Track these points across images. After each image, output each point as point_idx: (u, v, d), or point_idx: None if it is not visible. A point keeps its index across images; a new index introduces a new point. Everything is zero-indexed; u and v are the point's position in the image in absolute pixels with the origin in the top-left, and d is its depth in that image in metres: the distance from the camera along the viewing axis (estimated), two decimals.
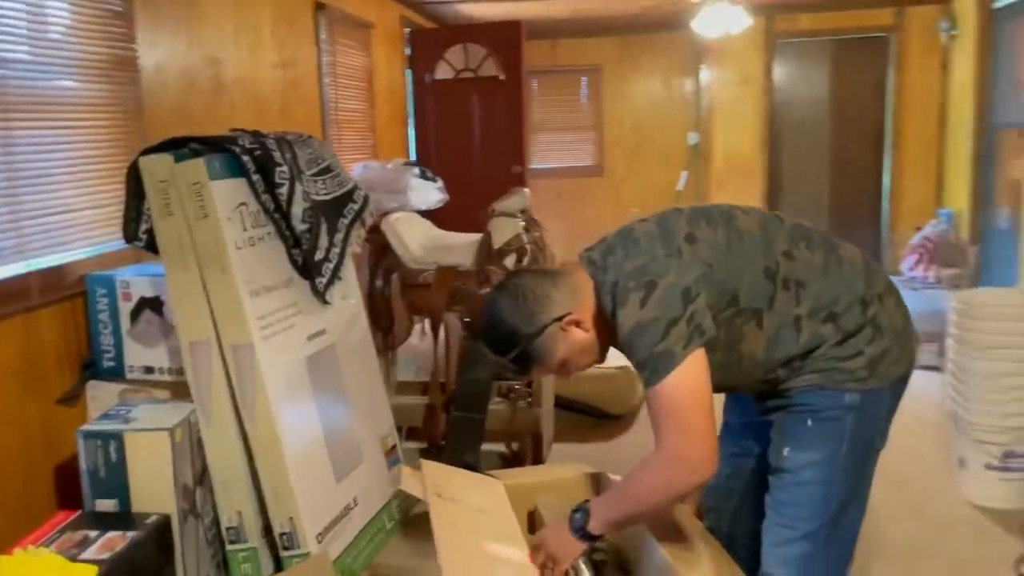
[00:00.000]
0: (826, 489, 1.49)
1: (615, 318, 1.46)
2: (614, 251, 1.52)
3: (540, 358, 1.50)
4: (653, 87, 7.91)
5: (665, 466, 1.42)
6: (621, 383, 3.70)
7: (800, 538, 1.50)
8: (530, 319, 1.48)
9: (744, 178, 7.22)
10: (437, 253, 3.19)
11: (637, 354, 1.43)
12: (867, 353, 1.47)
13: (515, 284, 1.54)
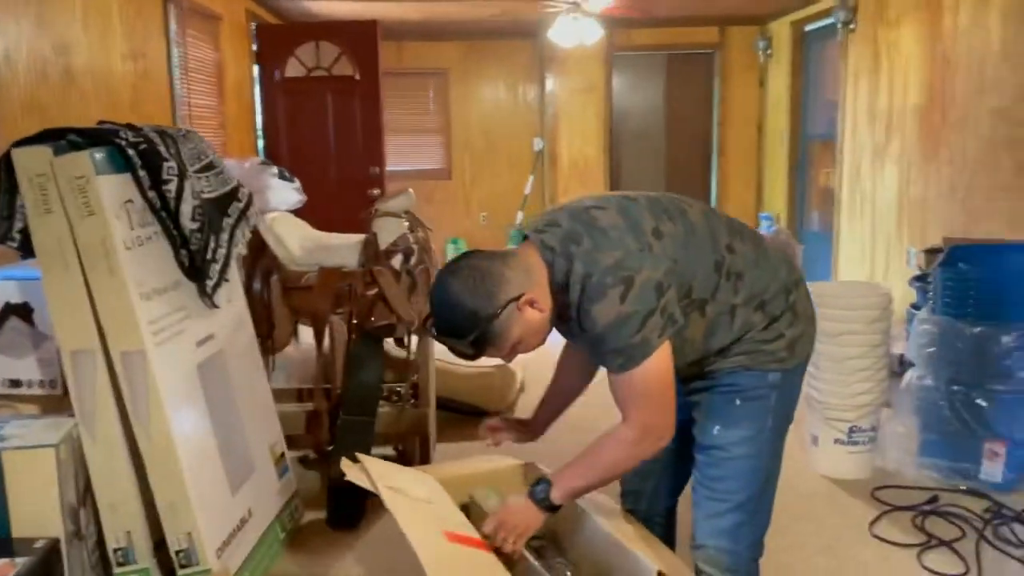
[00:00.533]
0: (755, 462, 1.63)
1: (585, 310, 1.49)
2: (578, 240, 1.52)
3: (497, 339, 1.50)
4: (499, 93, 8.08)
5: (638, 436, 1.52)
6: (497, 380, 3.76)
7: (733, 509, 1.62)
8: (489, 299, 1.47)
9: (588, 183, 7.54)
10: (319, 254, 3.10)
11: (612, 344, 1.48)
12: (787, 336, 1.62)
13: (468, 265, 1.52)
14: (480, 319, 1.47)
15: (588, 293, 1.48)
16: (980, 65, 4.27)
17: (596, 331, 1.49)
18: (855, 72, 5.64)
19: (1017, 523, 2.68)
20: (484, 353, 1.54)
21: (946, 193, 4.63)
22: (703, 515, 1.63)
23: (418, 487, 1.77)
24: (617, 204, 1.60)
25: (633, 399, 1.51)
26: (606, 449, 1.56)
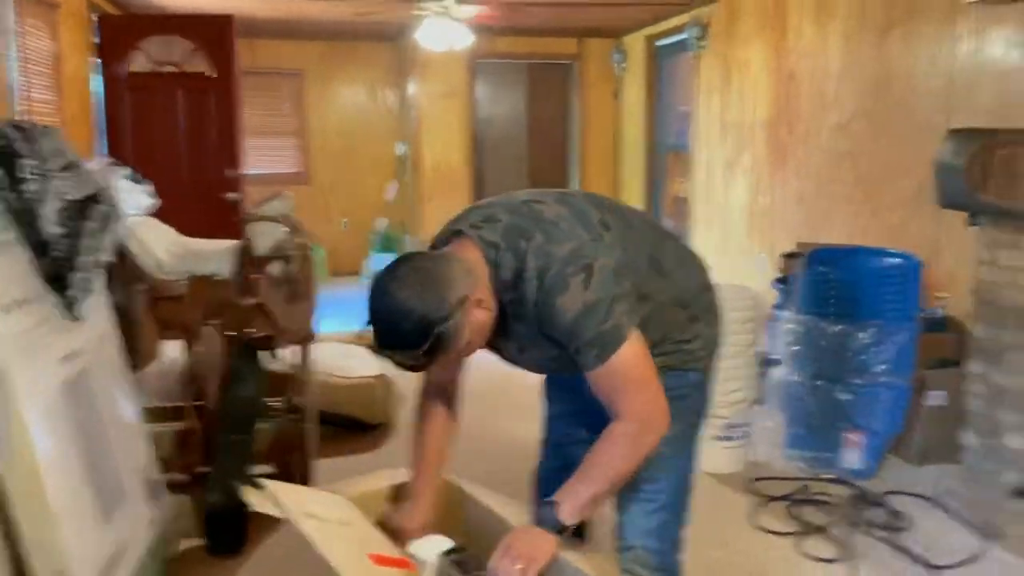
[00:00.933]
0: (680, 461, 1.65)
1: (548, 304, 1.43)
2: (526, 234, 1.47)
3: (449, 345, 1.41)
4: (359, 96, 7.91)
5: (638, 430, 1.45)
6: (379, 391, 3.66)
7: (659, 509, 1.63)
8: (440, 304, 1.39)
9: (452, 189, 7.51)
10: (189, 261, 2.89)
11: (584, 335, 1.43)
12: (704, 336, 1.66)
13: (410, 269, 1.43)
14: (433, 325, 1.38)
15: (548, 286, 1.43)
16: (822, 84, 4.62)
17: (566, 324, 1.43)
18: (707, 87, 5.96)
19: (878, 507, 2.90)
20: (435, 361, 1.45)
21: (792, 202, 4.97)
22: (630, 517, 1.64)
23: (332, 509, 1.67)
24: (555, 197, 1.58)
25: (619, 390, 1.46)
26: (607, 453, 1.48)
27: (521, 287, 1.47)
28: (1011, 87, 3.34)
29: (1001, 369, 2.94)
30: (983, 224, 3.00)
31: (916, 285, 3.19)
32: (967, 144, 2.92)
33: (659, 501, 1.63)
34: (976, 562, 2.56)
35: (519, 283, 1.47)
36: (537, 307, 1.46)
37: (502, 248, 1.48)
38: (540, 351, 1.56)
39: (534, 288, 1.45)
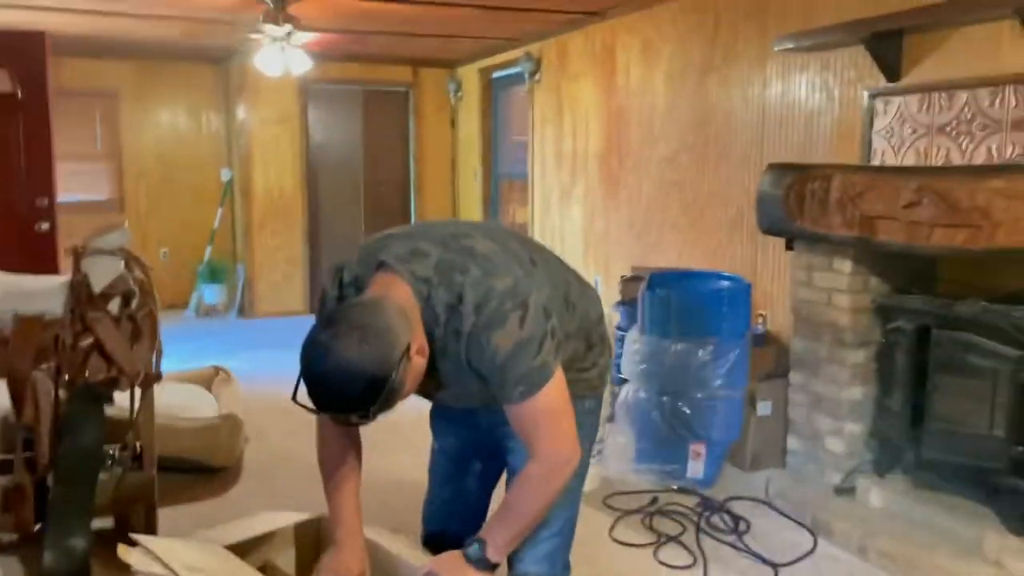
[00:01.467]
0: (574, 486, 1.70)
1: (482, 339, 1.42)
2: (462, 268, 1.46)
3: (396, 398, 1.38)
4: (180, 119, 7.51)
5: (550, 472, 1.49)
6: (224, 433, 3.47)
7: (554, 535, 1.68)
8: (385, 360, 1.34)
9: (285, 215, 7.28)
10: (13, 300, 2.63)
11: (513, 373, 1.44)
12: (600, 364, 1.73)
13: (349, 325, 1.37)
14: (381, 384, 1.33)
15: (486, 320, 1.43)
16: (649, 119, 4.95)
17: (496, 361, 1.43)
18: (542, 118, 6.20)
19: (723, 512, 3.13)
20: (379, 414, 1.38)
21: (625, 228, 5.27)
22: (526, 544, 1.67)
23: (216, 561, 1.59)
24: (481, 231, 1.60)
25: (538, 427, 1.48)
26: (524, 494, 1.51)
27: (453, 320, 1.46)
28: (815, 125, 3.75)
29: (819, 379, 3.27)
30: (799, 249, 3.34)
31: (747, 305, 3.48)
32: (783, 177, 3.24)
33: (554, 527, 1.68)
34: (810, 557, 2.82)
35: (451, 316, 1.46)
36: (469, 339, 1.45)
37: (434, 283, 1.46)
38: (462, 387, 1.56)
39: (470, 321, 1.44)
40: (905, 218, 2.75)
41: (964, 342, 2.74)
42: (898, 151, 3.33)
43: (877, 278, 3.15)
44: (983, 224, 2.52)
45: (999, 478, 2.66)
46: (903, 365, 2.96)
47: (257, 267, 7.29)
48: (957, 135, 3.11)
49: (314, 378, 1.37)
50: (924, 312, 2.89)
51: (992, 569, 2.57)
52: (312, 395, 1.39)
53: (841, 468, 3.18)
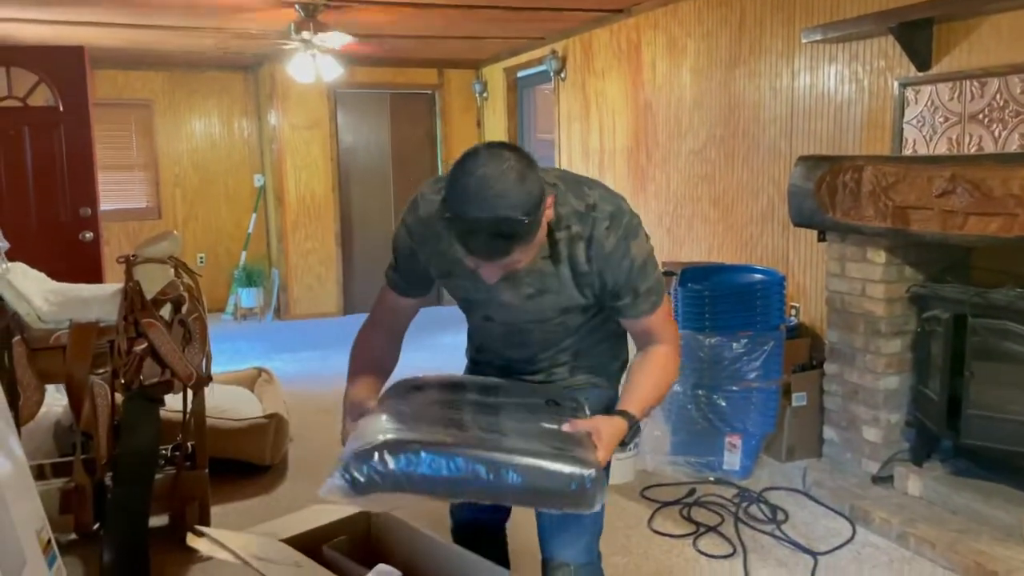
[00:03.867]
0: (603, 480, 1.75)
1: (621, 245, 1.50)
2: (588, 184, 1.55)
3: (533, 234, 1.39)
4: (213, 127, 7.66)
5: (677, 354, 1.65)
6: (271, 432, 3.57)
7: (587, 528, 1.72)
8: (539, 181, 1.38)
9: (318, 219, 7.41)
10: (70, 308, 2.74)
11: (646, 282, 1.54)
12: (621, 360, 1.80)
13: (503, 145, 1.42)
14: (535, 199, 1.35)
15: (625, 229, 1.51)
16: (677, 113, 4.98)
17: (633, 268, 1.51)
18: (568, 116, 6.24)
19: (760, 503, 3.16)
20: (514, 249, 1.37)
21: (655, 223, 5.30)
22: (560, 537, 1.72)
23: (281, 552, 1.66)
24: None
25: (668, 324, 1.62)
26: (660, 368, 1.60)
27: (579, 224, 1.49)
28: (845, 116, 3.75)
29: (854, 369, 3.29)
30: (832, 240, 3.36)
31: (780, 298, 3.51)
32: (815, 169, 3.26)
33: (585, 520, 1.72)
34: (850, 545, 2.85)
35: (577, 221, 1.49)
36: (602, 255, 1.49)
37: (562, 189, 1.50)
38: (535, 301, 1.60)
39: (603, 227, 1.49)
40: (938, 208, 2.77)
41: (1000, 329, 2.75)
42: (930, 140, 3.34)
43: (911, 267, 3.17)
44: (1017, 212, 2.53)
45: None
46: (939, 353, 2.97)
47: (291, 270, 7.42)
48: (989, 122, 3.11)
49: (478, 180, 1.33)
50: (960, 300, 2.90)
51: None
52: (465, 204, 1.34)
53: (878, 457, 3.20)
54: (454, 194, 1.36)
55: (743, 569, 2.69)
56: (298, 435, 4.03)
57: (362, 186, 7.59)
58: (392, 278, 1.74)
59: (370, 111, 7.57)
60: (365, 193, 7.61)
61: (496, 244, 1.36)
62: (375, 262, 7.67)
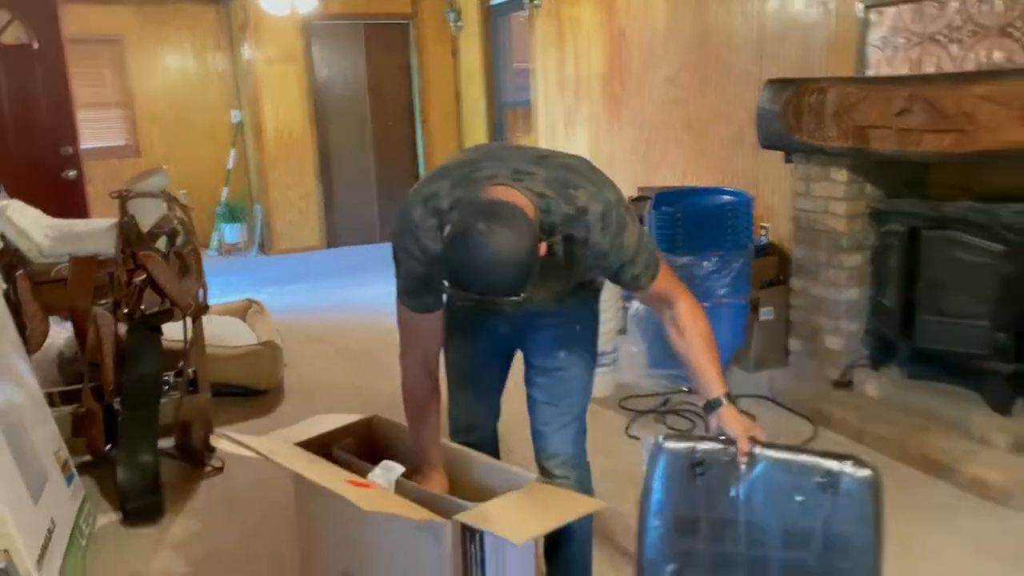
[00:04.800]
0: (588, 377, 1.93)
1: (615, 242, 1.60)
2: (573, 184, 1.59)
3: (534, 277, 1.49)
4: (187, 62, 7.59)
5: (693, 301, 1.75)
6: (267, 358, 3.73)
7: (576, 419, 1.91)
8: (533, 247, 1.46)
9: (297, 154, 7.43)
10: (69, 243, 2.85)
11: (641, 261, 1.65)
12: None
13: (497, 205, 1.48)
14: (532, 267, 1.46)
15: (616, 227, 1.60)
16: (651, 40, 5.04)
17: (629, 255, 1.63)
18: (543, 44, 6.26)
19: None
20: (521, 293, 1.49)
21: (630, 149, 5.41)
22: (552, 429, 1.90)
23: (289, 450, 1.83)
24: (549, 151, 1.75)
25: (669, 288, 1.72)
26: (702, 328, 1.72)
27: (571, 228, 1.59)
28: (812, 40, 3.85)
29: (818, 283, 3.48)
30: (798, 161, 3.51)
31: (749, 218, 3.67)
32: (781, 92, 3.39)
33: (574, 412, 1.91)
34: (811, 442, 3.08)
35: (575, 224, 1.59)
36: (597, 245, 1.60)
37: (551, 197, 1.58)
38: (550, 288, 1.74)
39: (597, 229, 1.59)
40: (896, 126, 2.91)
41: (952, 240, 2.93)
42: (892, 61, 3.45)
43: (872, 185, 3.33)
44: (968, 128, 2.68)
45: (984, 363, 2.89)
46: (896, 265, 3.16)
47: (273, 205, 7.48)
48: (948, 43, 3.23)
49: (477, 265, 1.43)
50: (915, 214, 3.08)
51: (977, 445, 2.83)
52: (469, 281, 1.46)
53: (839, 364, 3.42)
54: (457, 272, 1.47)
55: None
56: (292, 361, 4.19)
57: (339, 119, 7.60)
58: (411, 303, 1.74)
59: (345, 43, 7.52)
60: (343, 126, 7.62)
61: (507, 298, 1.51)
62: (355, 195, 7.75)
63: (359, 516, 1.65)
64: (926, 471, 2.80)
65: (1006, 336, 2.80)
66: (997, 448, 2.79)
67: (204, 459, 3.10)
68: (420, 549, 1.59)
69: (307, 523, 1.94)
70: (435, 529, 1.55)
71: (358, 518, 1.69)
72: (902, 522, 2.48)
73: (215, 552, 2.53)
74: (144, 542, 2.58)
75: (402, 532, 1.63)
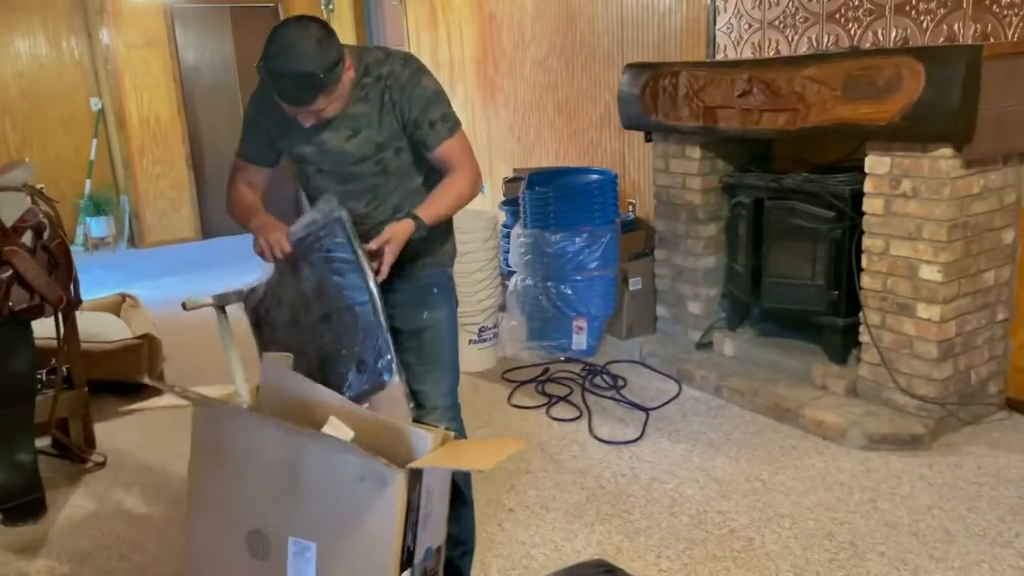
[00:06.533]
0: (452, 334, 2.06)
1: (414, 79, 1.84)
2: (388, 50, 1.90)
3: (331, 87, 1.73)
4: (40, 48, 7.18)
5: (474, 180, 1.94)
6: (144, 352, 3.68)
7: (447, 373, 2.04)
8: (336, 51, 1.73)
9: (165, 142, 7.20)
10: None
11: (441, 107, 1.87)
12: (451, 243, 2.10)
13: (312, 19, 1.76)
14: (332, 60, 1.71)
15: (415, 69, 1.86)
16: (520, 23, 5.20)
17: (427, 95, 1.85)
18: (416, 27, 6.33)
19: (604, 374, 3.61)
20: (317, 97, 1.73)
21: (506, 131, 5.57)
22: (429, 384, 2.01)
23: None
24: None
25: (463, 155, 1.92)
26: (455, 187, 1.90)
27: (380, 69, 1.85)
28: (668, 25, 4.11)
29: (679, 253, 3.76)
30: (657, 140, 3.76)
31: (615, 195, 3.90)
32: (639, 75, 3.62)
33: (445, 367, 2.04)
34: (676, 400, 3.35)
35: (383, 64, 1.85)
36: (401, 87, 1.84)
37: (370, 50, 1.90)
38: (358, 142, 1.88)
39: (399, 64, 1.86)
40: (739, 106, 3.18)
41: (790, 208, 3.24)
42: (737, 46, 3.75)
43: (723, 160, 3.62)
44: (799, 107, 2.98)
45: (821, 319, 3.22)
46: (744, 233, 3.46)
47: (141, 196, 7.23)
48: (784, 28, 3.54)
49: (276, 45, 1.71)
50: (759, 187, 3.37)
51: (819, 392, 3.16)
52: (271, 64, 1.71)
53: (700, 327, 3.71)
54: (267, 54, 1.73)
55: (587, 427, 3.14)
56: (172, 355, 4.14)
57: (209, 106, 7.41)
58: (242, 151, 2.04)
59: (211, 27, 7.32)
60: (213, 113, 7.43)
61: (301, 93, 1.73)
62: None
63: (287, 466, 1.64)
64: (776, 418, 3.10)
65: (838, 293, 3.13)
66: (835, 394, 3.13)
67: (85, 455, 3.06)
68: (360, 498, 1.57)
69: (207, 481, 1.84)
70: (384, 476, 1.53)
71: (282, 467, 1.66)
72: (757, 465, 2.78)
73: (101, 545, 2.53)
74: (27, 539, 2.55)
75: (339, 481, 1.60)
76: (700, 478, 2.72)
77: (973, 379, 2.97)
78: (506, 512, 2.57)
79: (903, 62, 2.65)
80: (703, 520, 2.47)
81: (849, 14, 3.27)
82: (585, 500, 2.62)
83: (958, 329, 2.86)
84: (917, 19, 3.05)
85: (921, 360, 2.87)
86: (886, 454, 2.79)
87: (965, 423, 2.94)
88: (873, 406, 3.00)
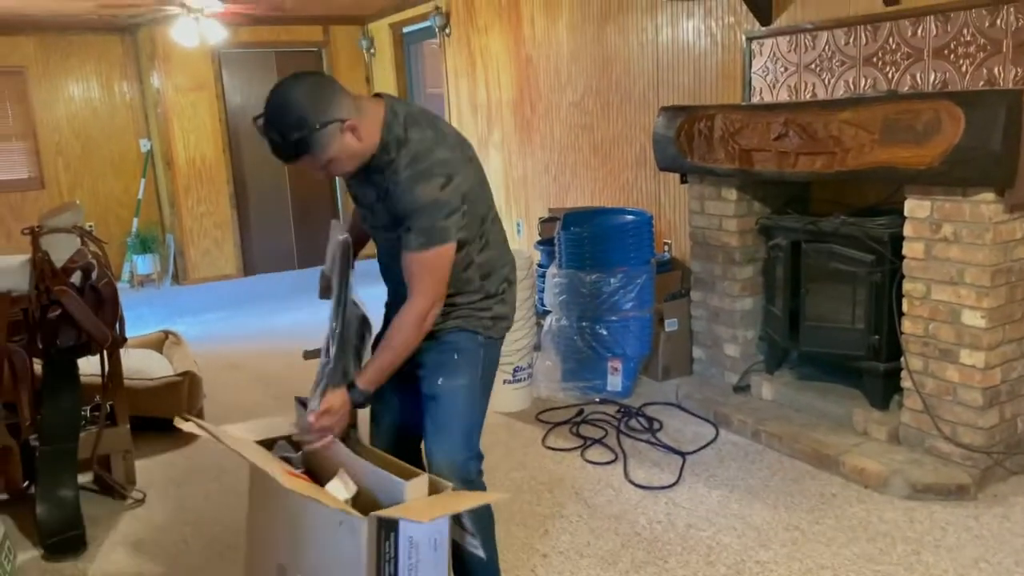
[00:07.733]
0: (470, 400, 1.97)
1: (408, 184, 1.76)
2: (421, 125, 1.81)
3: (315, 149, 1.71)
4: (93, 92, 7.45)
5: (425, 310, 1.82)
6: (185, 389, 3.74)
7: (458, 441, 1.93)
8: (319, 111, 1.69)
9: (210, 182, 7.39)
10: None
11: (422, 221, 1.75)
12: (494, 312, 2.00)
13: (313, 77, 1.73)
14: (308, 125, 1.68)
15: (416, 172, 1.76)
16: (556, 66, 5.27)
17: (413, 206, 1.76)
18: (455, 71, 6.45)
19: (639, 416, 3.58)
20: (301, 158, 1.74)
21: (541, 171, 5.63)
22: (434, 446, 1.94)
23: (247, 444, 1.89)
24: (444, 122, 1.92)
25: (422, 277, 1.80)
26: (398, 337, 1.83)
27: (394, 157, 1.79)
28: (703, 68, 4.14)
29: (715, 295, 3.74)
30: (692, 181, 3.76)
31: (650, 235, 3.90)
32: (674, 118, 3.64)
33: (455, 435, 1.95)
34: (713, 444, 3.30)
35: (395, 151, 1.79)
36: (396, 183, 1.78)
37: (399, 119, 1.80)
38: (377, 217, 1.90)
39: (404, 161, 1.78)
40: (775, 149, 3.18)
41: (828, 251, 3.21)
42: (773, 88, 3.76)
43: (759, 202, 3.60)
44: (836, 151, 2.97)
45: (862, 363, 3.17)
46: (782, 276, 3.43)
47: (186, 235, 7.40)
48: (821, 71, 3.54)
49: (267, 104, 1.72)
50: (796, 229, 3.35)
51: (860, 438, 3.09)
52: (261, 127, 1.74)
53: (738, 369, 3.67)
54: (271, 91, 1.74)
55: (623, 471, 3.11)
56: (211, 391, 4.20)
57: (253, 147, 7.59)
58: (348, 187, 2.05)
59: (256, 71, 7.54)
60: (257, 154, 7.61)
61: (280, 152, 1.75)
62: (271, 222, 7.74)
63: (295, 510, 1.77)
64: (816, 465, 3.04)
65: (879, 338, 3.08)
66: (877, 440, 3.06)
67: (125, 492, 3.11)
68: (341, 543, 1.68)
69: (253, 518, 2.03)
70: (353, 524, 1.64)
71: (294, 512, 1.79)
72: (796, 513, 2.72)
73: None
74: (67, 575, 2.59)
75: (326, 527, 1.72)
76: (738, 526, 2.67)
77: (1020, 427, 2.89)
78: (539, 557, 2.55)
79: (942, 106, 2.63)
80: (741, 570, 2.42)
81: (887, 58, 3.27)
82: (620, 547, 2.59)
83: (1003, 376, 2.79)
84: (956, 63, 3.04)
85: (965, 407, 2.80)
86: (930, 504, 2.72)
87: (1012, 473, 2.86)
88: (916, 454, 2.93)
